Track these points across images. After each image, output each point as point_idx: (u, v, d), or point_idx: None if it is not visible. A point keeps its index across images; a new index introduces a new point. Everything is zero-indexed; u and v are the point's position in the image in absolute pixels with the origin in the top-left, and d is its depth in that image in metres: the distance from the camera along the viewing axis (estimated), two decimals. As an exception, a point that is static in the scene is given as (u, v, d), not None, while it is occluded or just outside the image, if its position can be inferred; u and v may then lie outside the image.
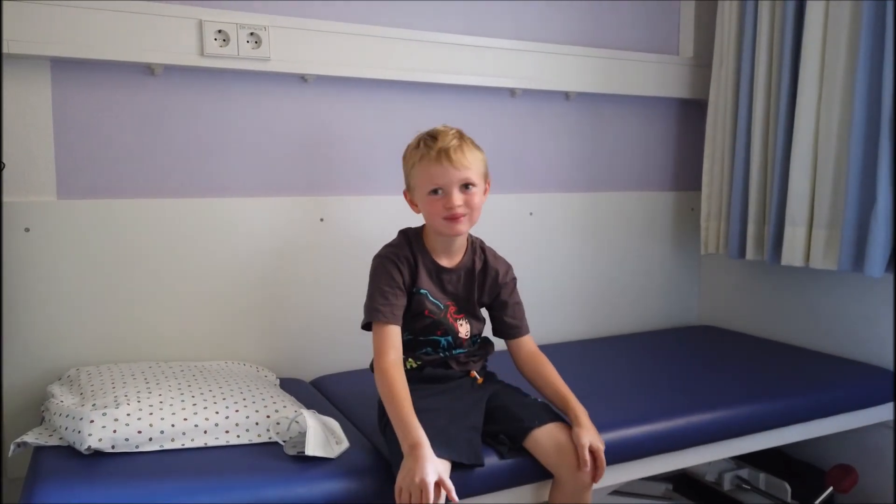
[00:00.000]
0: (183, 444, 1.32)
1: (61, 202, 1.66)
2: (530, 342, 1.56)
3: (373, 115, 1.98)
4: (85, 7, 1.59)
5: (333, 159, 1.95)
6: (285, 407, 1.43)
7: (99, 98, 1.69)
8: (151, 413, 1.33)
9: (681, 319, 2.54)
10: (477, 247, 1.56)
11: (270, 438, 1.37)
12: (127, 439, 1.28)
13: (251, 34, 1.74)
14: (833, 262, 1.92)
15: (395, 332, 1.40)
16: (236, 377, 1.58)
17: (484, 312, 1.59)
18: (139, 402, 1.35)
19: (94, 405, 1.34)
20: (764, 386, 1.78)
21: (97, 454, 1.27)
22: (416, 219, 1.53)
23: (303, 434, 1.32)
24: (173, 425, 1.32)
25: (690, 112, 2.48)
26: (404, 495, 1.19)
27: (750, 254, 2.15)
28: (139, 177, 1.74)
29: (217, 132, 1.81)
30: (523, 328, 1.56)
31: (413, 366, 1.48)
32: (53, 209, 1.64)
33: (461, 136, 1.44)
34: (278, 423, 1.39)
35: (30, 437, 1.33)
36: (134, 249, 1.71)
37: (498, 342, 1.60)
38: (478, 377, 1.53)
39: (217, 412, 1.38)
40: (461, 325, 1.51)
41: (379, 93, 1.97)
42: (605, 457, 1.36)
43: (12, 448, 1.31)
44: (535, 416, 1.41)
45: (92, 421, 1.28)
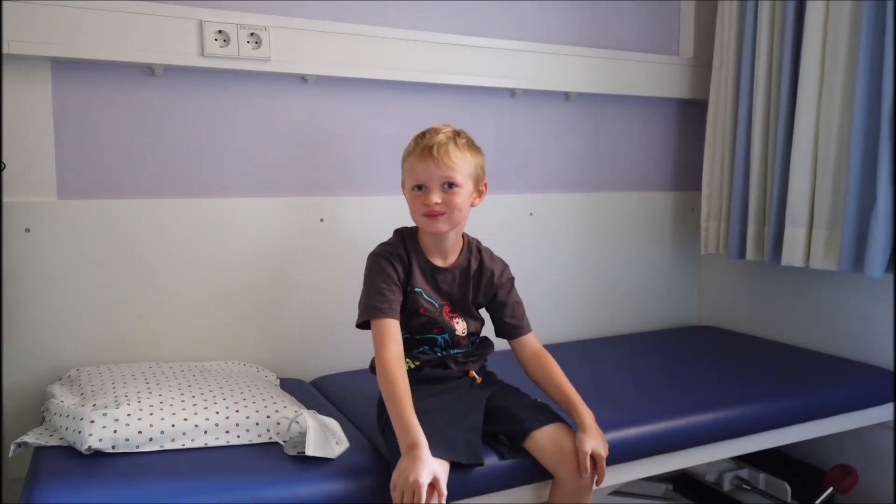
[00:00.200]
0: (183, 445, 1.32)
1: (61, 202, 1.66)
2: (533, 340, 1.55)
3: (373, 116, 1.98)
4: (85, 7, 1.59)
5: (334, 159, 1.95)
6: (285, 407, 1.43)
7: (99, 98, 1.69)
8: (152, 413, 1.33)
9: (681, 319, 2.54)
10: (473, 247, 1.55)
11: (270, 439, 1.37)
12: (127, 439, 1.28)
13: (251, 34, 1.74)
14: (833, 263, 1.92)
15: (395, 326, 1.40)
16: (236, 377, 1.58)
17: (483, 313, 1.59)
18: (139, 403, 1.35)
19: (95, 405, 1.34)
20: (764, 386, 1.78)
21: (97, 454, 1.27)
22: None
23: (303, 434, 1.32)
24: (173, 425, 1.32)
25: (690, 112, 2.48)
26: (397, 493, 1.19)
27: (750, 254, 2.15)
28: (139, 177, 1.74)
29: (217, 132, 1.81)
30: (524, 327, 1.55)
31: (412, 366, 1.47)
32: (53, 209, 1.64)
33: (454, 136, 1.44)
34: (278, 424, 1.39)
35: (30, 438, 1.33)
36: (134, 249, 1.72)
37: (498, 342, 1.60)
38: (476, 377, 1.53)
39: (217, 412, 1.38)
40: (457, 323, 1.51)
41: (379, 93, 1.97)
42: (606, 457, 1.36)
43: (13, 448, 1.31)
44: (535, 417, 1.40)
45: (92, 421, 1.28)
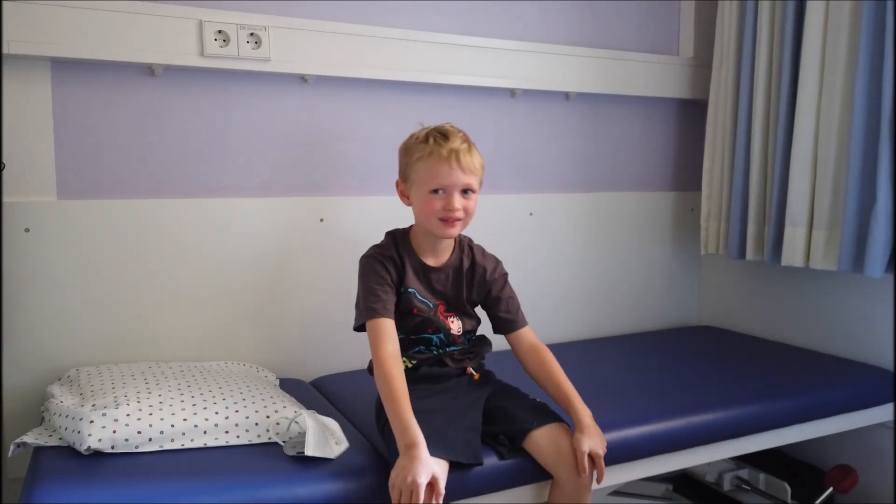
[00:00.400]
0: (183, 445, 1.32)
1: (61, 202, 1.66)
2: (530, 334, 1.54)
3: (373, 116, 1.97)
4: (85, 7, 1.59)
5: (334, 160, 1.95)
6: (285, 407, 1.43)
7: (99, 98, 1.69)
8: (151, 413, 1.33)
9: (681, 319, 2.54)
10: (465, 245, 1.55)
11: (270, 439, 1.37)
12: (127, 440, 1.28)
13: (251, 34, 1.74)
14: (833, 263, 1.92)
15: (390, 325, 1.40)
16: (236, 377, 1.58)
17: (479, 312, 1.59)
18: (139, 403, 1.35)
19: (94, 405, 1.34)
20: (764, 386, 1.78)
21: (97, 454, 1.27)
22: (411, 220, 1.53)
23: (302, 434, 1.31)
24: (173, 425, 1.32)
25: (690, 112, 2.48)
26: (395, 493, 1.19)
27: (750, 254, 2.15)
28: (139, 177, 1.74)
29: (217, 132, 1.81)
30: (519, 321, 1.55)
31: (408, 366, 1.47)
32: (53, 209, 1.64)
33: (468, 140, 1.45)
34: (278, 424, 1.39)
35: (29, 438, 1.33)
36: (134, 249, 1.72)
37: (497, 342, 1.60)
38: (474, 373, 1.53)
39: (217, 412, 1.38)
40: (452, 322, 1.51)
41: (379, 93, 1.97)
42: (606, 457, 1.36)
43: (12, 448, 1.31)
44: (534, 417, 1.40)
45: (92, 421, 1.28)
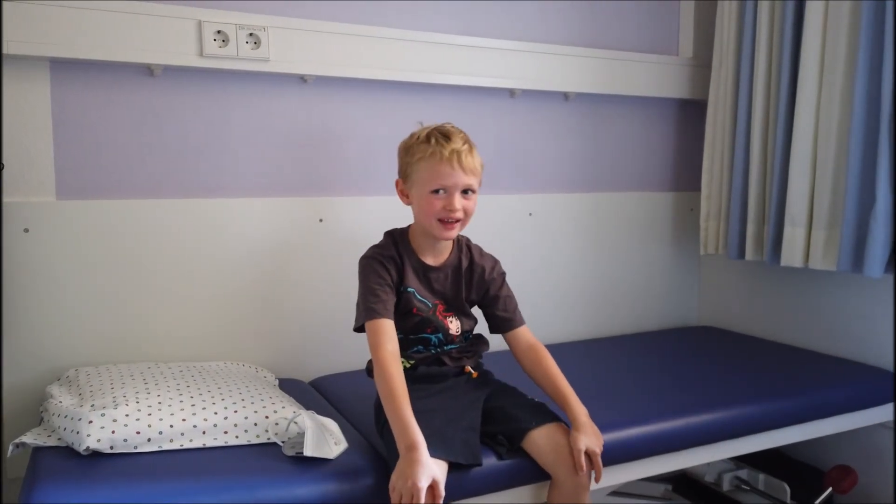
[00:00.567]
0: (181, 445, 1.32)
1: (60, 202, 1.66)
2: (527, 333, 1.55)
3: (372, 116, 1.97)
4: (84, 7, 1.59)
5: (333, 160, 1.95)
6: (284, 407, 1.43)
7: (98, 98, 1.69)
8: (150, 414, 1.33)
9: (680, 320, 2.54)
10: (463, 245, 1.56)
11: (269, 439, 1.37)
12: (125, 440, 1.28)
13: (250, 35, 1.74)
14: (832, 263, 1.92)
15: (390, 326, 1.40)
16: (235, 378, 1.58)
17: (477, 312, 1.59)
18: (138, 403, 1.35)
19: (93, 406, 1.34)
20: (763, 386, 1.78)
21: (96, 455, 1.27)
22: (412, 220, 1.53)
23: (301, 435, 1.31)
24: (172, 426, 1.32)
25: (690, 112, 2.48)
26: (395, 496, 1.19)
27: (749, 254, 2.15)
28: (138, 177, 1.74)
29: (216, 133, 1.81)
30: (517, 320, 1.55)
31: (406, 365, 1.47)
32: (53, 209, 1.64)
33: (469, 140, 1.46)
34: (277, 424, 1.38)
35: (28, 438, 1.33)
36: (133, 250, 1.71)
37: (494, 342, 1.60)
38: (472, 372, 1.53)
39: (216, 413, 1.38)
40: (451, 322, 1.52)
41: (378, 93, 1.97)
42: (605, 457, 1.36)
43: (11, 448, 1.31)
44: (532, 417, 1.41)
45: (90, 421, 1.28)
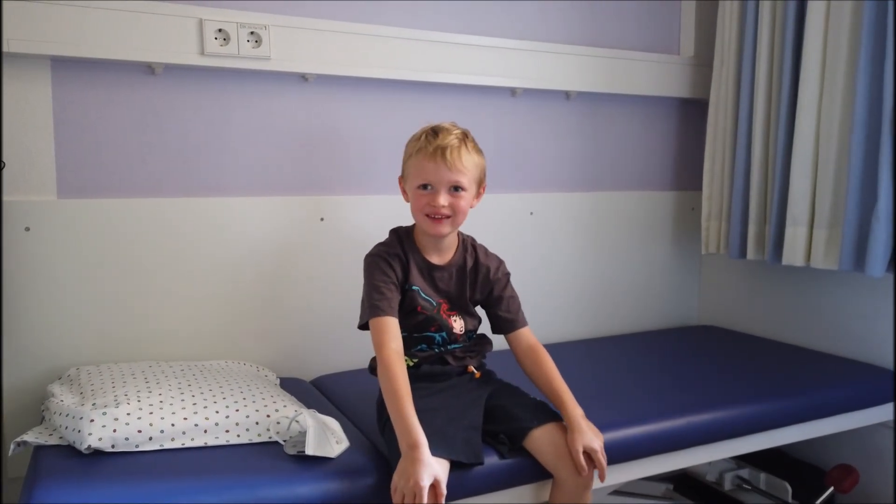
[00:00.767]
0: (183, 444, 1.32)
1: (61, 201, 1.65)
2: (528, 334, 1.55)
3: (373, 115, 1.97)
4: (85, 6, 1.59)
5: (334, 159, 1.95)
6: (285, 406, 1.43)
7: (99, 97, 1.69)
8: (151, 412, 1.33)
9: (681, 319, 2.54)
10: (468, 244, 1.56)
11: (270, 438, 1.37)
12: (127, 439, 1.28)
13: (251, 33, 1.74)
14: (834, 262, 1.92)
15: (394, 324, 1.40)
16: (236, 377, 1.58)
17: (480, 311, 1.59)
18: (139, 402, 1.35)
19: (94, 404, 1.34)
20: (764, 386, 1.78)
21: (97, 453, 1.27)
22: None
23: (303, 433, 1.31)
24: (173, 425, 1.32)
25: (691, 112, 2.48)
26: (398, 495, 1.19)
27: (751, 254, 2.15)
28: (139, 176, 1.74)
29: (217, 132, 1.81)
30: (519, 321, 1.55)
31: (410, 364, 1.47)
32: (53, 209, 1.64)
33: (464, 138, 1.44)
34: (278, 423, 1.38)
35: (30, 437, 1.33)
36: (134, 249, 1.71)
37: (497, 343, 1.60)
38: (475, 372, 1.53)
39: (217, 412, 1.37)
40: (455, 322, 1.51)
41: (379, 92, 1.97)
42: (606, 457, 1.36)
43: (12, 447, 1.31)
44: (534, 416, 1.40)
45: (92, 420, 1.28)
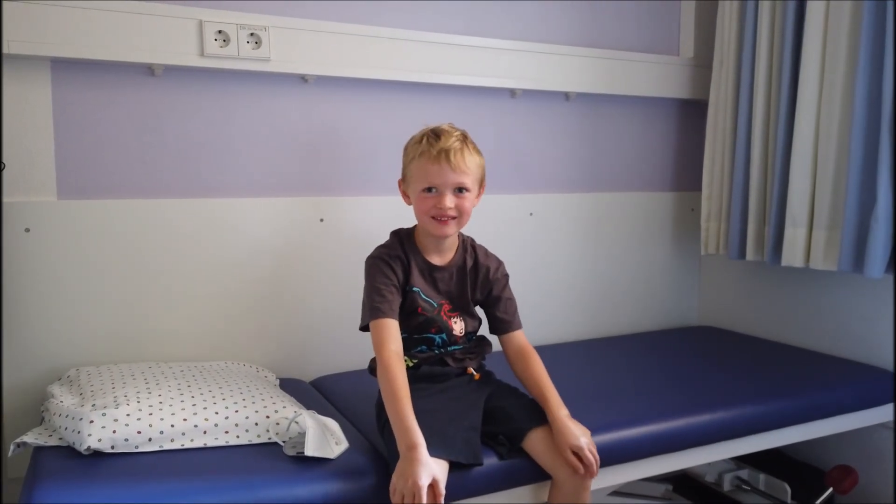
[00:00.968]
0: (182, 445, 1.32)
1: (61, 202, 1.66)
2: (521, 337, 1.56)
3: (373, 116, 1.97)
4: (85, 7, 1.59)
5: (334, 159, 1.95)
6: (285, 407, 1.43)
7: (99, 98, 1.69)
8: (151, 413, 1.33)
9: (681, 320, 2.54)
10: (468, 245, 1.57)
11: (270, 439, 1.37)
12: (126, 440, 1.28)
13: (251, 34, 1.74)
14: (833, 263, 1.92)
15: (395, 326, 1.40)
16: (236, 377, 1.58)
17: (480, 312, 1.59)
18: (139, 403, 1.35)
19: (94, 405, 1.34)
20: (764, 386, 1.78)
21: (97, 454, 1.27)
22: (413, 219, 1.54)
23: (302, 434, 1.32)
24: (173, 426, 1.32)
25: (690, 112, 2.48)
26: (397, 496, 1.19)
27: (750, 254, 2.15)
28: (139, 177, 1.74)
29: (217, 133, 1.81)
30: (514, 323, 1.56)
31: (409, 364, 1.47)
32: (53, 209, 1.64)
33: (464, 139, 1.45)
34: (278, 424, 1.39)
35: (29, 438, 1.33)
36: (134, 250, 1.72)
37: (497, 344, 1.60)
38: (475, 373, 1.54)
39: (217, 412, 1.38)
40: (455, 323, 1.52)
41: (379, 93, 1.97)
42: (605, 458, 1.36)
43: (12, 448, 1.31)
44: (532, 417, 1.41)
45: (91, 421, 1.28)
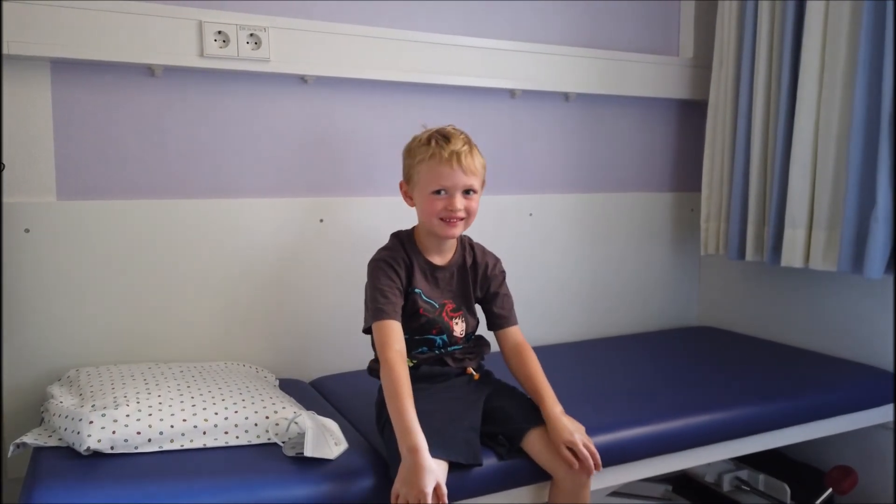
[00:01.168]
0: (182, 445, 1.33)
1: (61, 203, 1.66)
2: (517, 333, 1.57)
3: (372, 116, 1.98)
4: (85, 8, 1.59)
5: (333, 160, 1.95)
6: (284, 408, 1.43)
7: (99, 99, 1.69)
8: (151, 414, 1.33)
9: (680, 320, 2.54)
10: (466, 243, 1.58)
11: (269, 439, 1.37)
12: (126, 440, 1.28)
13: (251, 35, 1.74)
14: (833, 264, 1.92)
15: (398, 327, 1.41)
16: (236, 378, 1.58)
17: (479, 313, 1.60)
18: (138, 403, 1.35)
19: (94, 406, 1.35)
20: (763, 387, 1.78)
21: (96, 455, 1.27)
22: (414, 220, 1.54)
23: (302, 435, 1.32)
24: (172, 426, 1.33)
25: (690, 113, 2.48)
26: (401, 500, 1.19)
27: (750, 255, 2.15)
28: (139, 178, 1.74)
29: (217, 133, 1.81)
30: (511, 319, 1.57)
31: (410, 364, 1.47)
32: (53, 210, 1.64)
33: (469, 141, 1.48)
34: (277, 424, 1.39)
35: (29, 438, 1.33)
36: (133, 250, 1.72)
37: (496, 344, 1.60)
38: (474, 373, 1.54)
39: (216, 413, 1.38)
40: (456, 324, 1.53)
41: (379, 93, 1.97)
42: (604, 458, 1.37)
43: (12, 448, 1.31)
44: (531, 417, 1.41)
45: (91, 422, 1.28)
